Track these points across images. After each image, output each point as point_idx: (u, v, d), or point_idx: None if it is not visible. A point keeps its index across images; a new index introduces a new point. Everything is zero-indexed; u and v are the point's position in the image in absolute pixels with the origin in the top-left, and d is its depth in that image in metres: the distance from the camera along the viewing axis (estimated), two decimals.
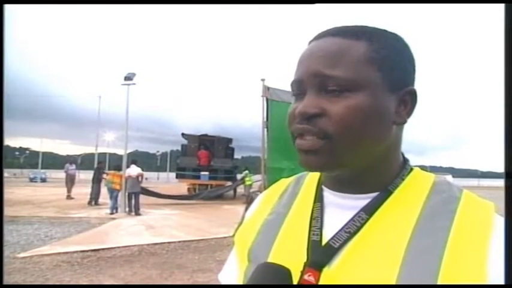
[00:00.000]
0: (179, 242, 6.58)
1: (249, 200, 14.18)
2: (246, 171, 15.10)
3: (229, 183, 16.56)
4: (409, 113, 0.51)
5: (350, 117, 0.46)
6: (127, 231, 7.44)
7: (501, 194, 0.48)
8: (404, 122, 0.51)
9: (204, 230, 7.84)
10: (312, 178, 0.61)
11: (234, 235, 0.66)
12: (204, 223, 8.81)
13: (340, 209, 0.52)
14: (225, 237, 6.99)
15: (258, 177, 13.01)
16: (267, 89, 5.43)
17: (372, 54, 0.48)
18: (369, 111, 0.46)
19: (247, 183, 14.67)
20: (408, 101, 0.50)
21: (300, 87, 0.50)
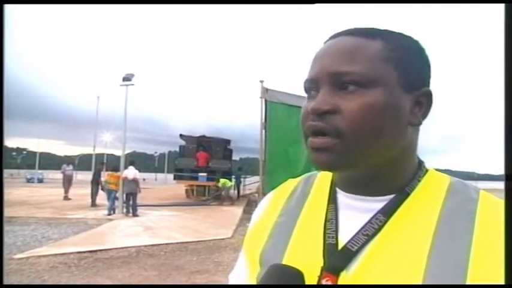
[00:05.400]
0: (177, 243, 6.55)
1: (247, 202, 13.86)
2: (223, 180, 14.05)
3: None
4: (424, 115, 0.50)
5: (363, 115, 0.45)
6: (124, 233, 7.41)
7: (499, 196, 0.48)
8: (420, 123, 0.50)
9: (202, 231, 7.82)
10: (322, 178, 0.59)
11: (232, 237, 0.65)
12: (202, 224, 8.78)
13: (356, 211, 0.50)
14: (223, 239, 6.97)
15: (256, 178, 12.93)
16: (265, 90, 5.44)
17: (388, 53, 0.47)
18: (383, 109, 0.45)
19: (227, 185, 13.98)
20: (423, 102, 0.49)
21: (314, 85, 0.49)
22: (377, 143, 0.46)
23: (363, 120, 0.45)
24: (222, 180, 13.91)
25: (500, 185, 0.47)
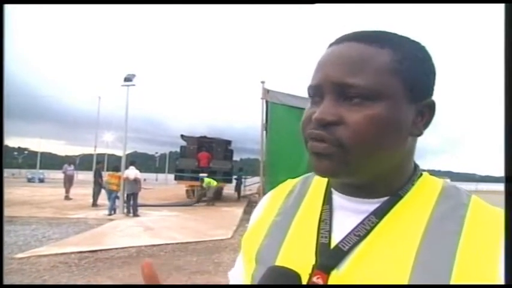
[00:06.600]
0: (177, 243, 6.55)
1: (248, 202, 13.59)
2: (207, 180, 13.74)
3: (227, 185, 16.57)
4: (425, 125, 0.50)
5: (368, 128, 0.45)
6: (125, 233, 7.41)
7: (499, 198, 0.48)
8: (421, 134, 0.50)
9: (202, 232, 7.82)
10: (320, 179, 0.60)
11: (232, 237, 0.66)
12: (202, 225, 8.78)
13: (350, 212, 0.51)
14: (222, 240, 6.97)
15: (256, 179, 12.88)
16: (266, 91, 5.43)
17: (395, 64, 0.46)
18: (388, 122, 0.45)
19: (212, 184, 13.66)
20: (426, 113, 0.50)
21: (317, 92, 0.49)
22: (378, 154, 0.47)
23: (367, 132, 0.45)
24: (206, 180, 13.65)
25: (502, 187, 0.47)
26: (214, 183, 13.72)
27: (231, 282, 0.65)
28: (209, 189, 13.65)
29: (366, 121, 0.45)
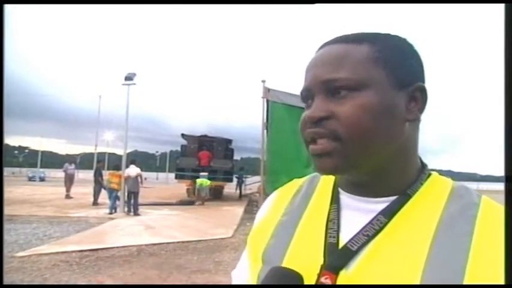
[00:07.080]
0: (178, 242, 6.56)
1: (248, 201, 13.49)
2: (200, 181, 13.61)
3: (228, 184, 16.59)
4: (420, 110, 0.51)
5: (358, 117, 0.46)
6: (126, 231, 7.42)
7: (500, 198, 0.48)
8: (417, 118, 0.51)
9: (202, 230, 7.83)
10: (326, 178, 0.60)
11: (232, 236, 0.66)
12: (203, 224, 8.79)
13: (358, 211, 0.51)
14: (223, 238, 6.98)
15: (257, 178, 12.85)
16: (267, 90, 5.43)
17: (375, 54, 0.48)
18: (377, 108, 0.46)
19: (204, 184, 13.54)
20: (418, 97, 0.50)
21: (308, 95, 0.51)
22: (375, 142, 0.47)
23: (359, 121, 0.46)
24: (198, 181, 13.59)
25: (503, 186, 0.48)
26: (207, 183, 13.65)
27: (234, 282, 0.65)
28: (201, 190, 13.55)
29: (355, 110, 0.46)
